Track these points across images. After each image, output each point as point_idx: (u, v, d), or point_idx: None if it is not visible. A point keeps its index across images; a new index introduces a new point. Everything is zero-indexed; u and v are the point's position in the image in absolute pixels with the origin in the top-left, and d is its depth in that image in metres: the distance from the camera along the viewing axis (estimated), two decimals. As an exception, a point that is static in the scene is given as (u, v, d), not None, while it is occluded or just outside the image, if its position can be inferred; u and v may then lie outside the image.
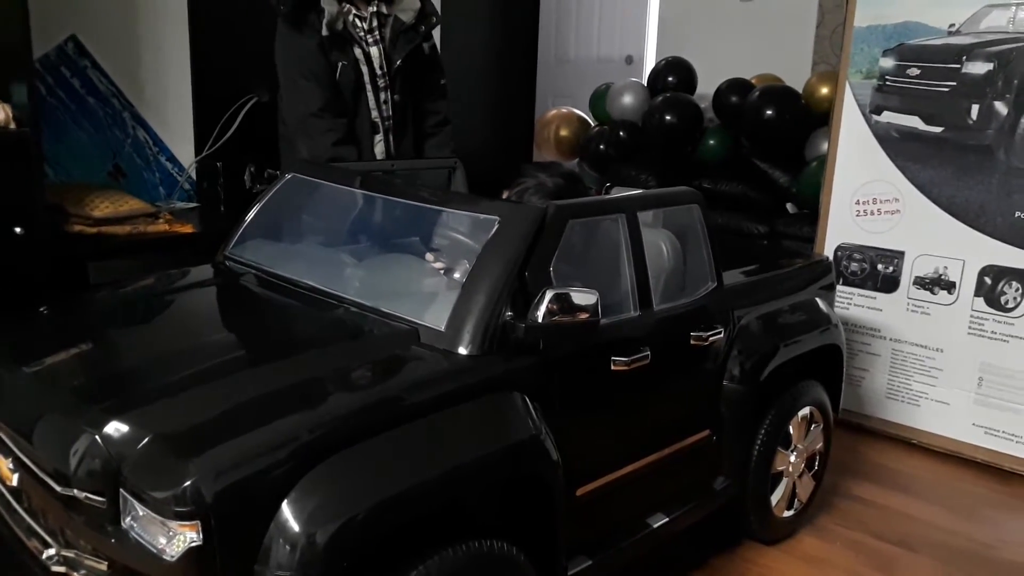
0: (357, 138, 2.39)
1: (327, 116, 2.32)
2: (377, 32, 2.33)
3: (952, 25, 2.84)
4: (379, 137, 2.40)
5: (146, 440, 1.31)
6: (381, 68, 2.34)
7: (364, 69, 2.32)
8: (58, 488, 1.38)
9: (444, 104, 2.53)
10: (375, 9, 2.33)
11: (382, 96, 2.37)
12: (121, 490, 1.31)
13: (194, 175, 3.24)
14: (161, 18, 3.08)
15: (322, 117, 2.32)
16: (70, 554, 1.41)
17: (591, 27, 5.76)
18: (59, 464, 1.38)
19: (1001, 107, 2.75)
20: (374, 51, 2.32)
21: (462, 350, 1.55)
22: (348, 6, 2.30)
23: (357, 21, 2.31)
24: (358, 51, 2.32)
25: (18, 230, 2.28)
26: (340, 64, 2.29)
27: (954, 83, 2.83)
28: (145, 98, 3.12)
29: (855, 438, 3.03)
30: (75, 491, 1.35)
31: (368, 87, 2.34)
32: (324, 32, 2.25)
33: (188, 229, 2.82)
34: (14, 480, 1.51)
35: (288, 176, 2.15)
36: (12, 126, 2.25)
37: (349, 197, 2.09)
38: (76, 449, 1.36)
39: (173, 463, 1.28)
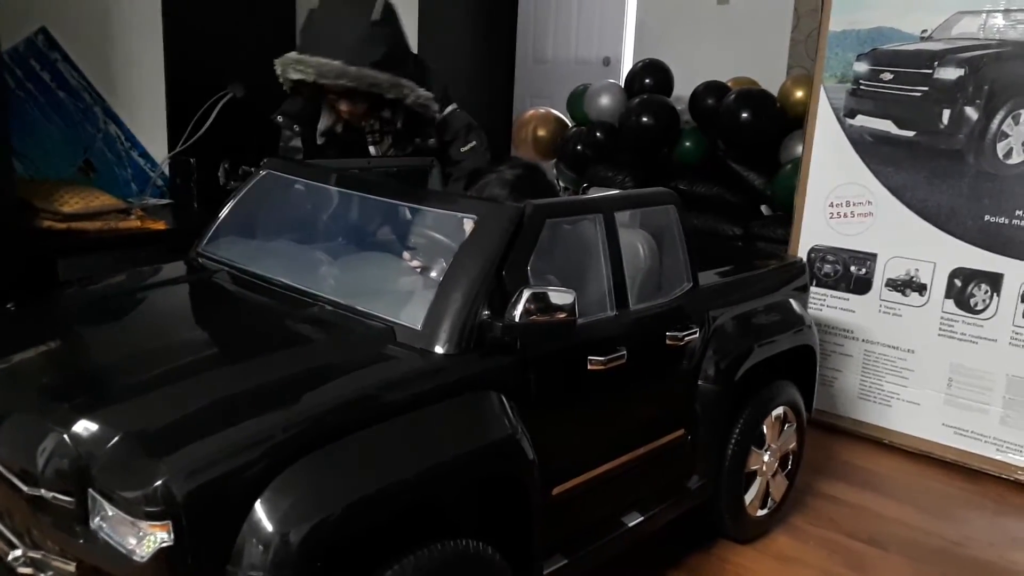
0: None
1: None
2: (378, 135, 2.45)
3: (924, 31, 2.88)
4: None
5: (116, 439, 1.29)
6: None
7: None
8: (25, 488, 1.35)
9: (469, 162, 2.49)
10: (378, 115, 2.41)
11: None
12: (90, 490, 1.29)
13: (167, 171, 3.20)
14: (134, 10, 3.03)
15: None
16: (37, 555, 1.39)
17: (569, 28, 5.77)
18: (26, 464, 1.36)
19: (971, 112, 2.79)
20: (372, 150, 2.46)
21: (439, 349, 1.55)
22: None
23: (363, 125, 2.42)
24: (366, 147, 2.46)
25: (-15, 225, 2.24)
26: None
27: (926, 88, 2.87)
28: (117, 92, 3.07)
29: (828, 438, 3.06)
30: (42, 491, 1.32)
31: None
32: (319, 141, 2.41)
33: (160, 226, 2.78)
34: (-21, 480, 1.48)
35: (263, 173, 2.13)
36: (-21, 119, 2.21)
37: (324, 194, 2.07)
38: (44, 448, 1.33)
39: (143, 462, 1.26)
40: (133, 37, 3.05)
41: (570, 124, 4.76)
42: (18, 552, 1.41)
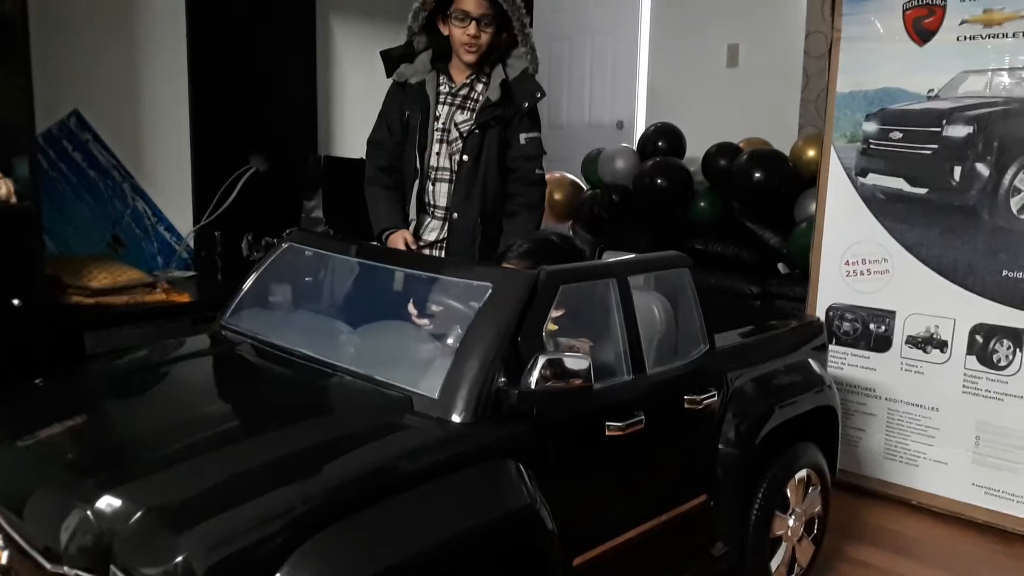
0: (399, 180, 2.58)
1: (377, 148, 2.58)
2: (459, 99, 2.52)
3: (931, 90, 2.93)
4: (417, 184, 2.54)
5: (138, 514, 1.31)
6: (444, 125, 2.53)
7: (431, 124, 2.53)
8: (48, 566, 1.36)
9: (532, 190, 2.57)
10: (468, 82, 2.52)
11: (436, 148, 2.53)
12: (112, 567, 1.29)
13: (192, 244, 3.28)
14: (162, 92, 3.16)
15: (373, 146, 2.60)
16: (59, 633, 1.39)
17: (582, 93, 5.91)
18: (50, 541, 1.37)
19: (983, 168, 2.81)
20: (443, 110, 2.53)
21: (455, 418, 1.56)
22: (438, 73, 2.53)
23: (443, 86, 2.53)
24: (433, 108, 2.52)
25: (16, 302, 2.30)
26: (407, 112, 2.53)
27: (936, 146, 2.90)
28: (144, 169, 3.18)
29: (854, 500, 3.00)
30: (66, 569, 1.33)
31: (428, 139, 2.53)
32: (395, 78, 2.54)
33: (185, 298, 2.83)
34: (3, 558, 1.49)
35: (284, 245, 2.18)
36: (13, 200, 2.28)
37: (344, 265, 2.12)
38: (68, 525, 1.35)
39: (165, 538, 1.27)
40: (161, 116, 3.17)
41: (585, 187, 4.83)
42: (41, 630, 1.41)
